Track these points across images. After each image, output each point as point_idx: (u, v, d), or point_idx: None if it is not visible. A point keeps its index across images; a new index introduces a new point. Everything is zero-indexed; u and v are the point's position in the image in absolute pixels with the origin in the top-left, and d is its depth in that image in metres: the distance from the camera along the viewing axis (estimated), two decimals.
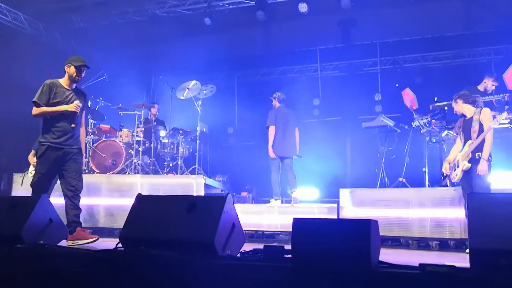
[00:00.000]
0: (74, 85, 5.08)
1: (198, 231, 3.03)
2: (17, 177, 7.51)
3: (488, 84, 6.67)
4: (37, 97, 4.87)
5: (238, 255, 3.13)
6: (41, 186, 4.87)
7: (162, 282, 2.72)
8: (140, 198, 3.46)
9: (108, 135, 8.39)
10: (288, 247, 2.70)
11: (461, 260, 4.06)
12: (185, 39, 10.37)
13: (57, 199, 6.88)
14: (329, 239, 2.51)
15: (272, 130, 7.52)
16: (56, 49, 10.27)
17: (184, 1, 9.69)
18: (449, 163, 5.52)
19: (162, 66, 11.45)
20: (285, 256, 2.74)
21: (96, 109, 8.65)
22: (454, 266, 2.29)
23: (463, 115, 5.45)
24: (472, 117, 5.27)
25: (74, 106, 4.92)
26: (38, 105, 4.87)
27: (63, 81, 5.01)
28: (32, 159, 7.01)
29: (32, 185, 4.94)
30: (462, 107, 5.43)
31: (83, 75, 5.03)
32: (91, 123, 8.43)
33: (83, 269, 2.90)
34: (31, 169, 6.98)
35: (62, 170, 4.97)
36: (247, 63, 11.41)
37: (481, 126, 5.16)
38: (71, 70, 4.97)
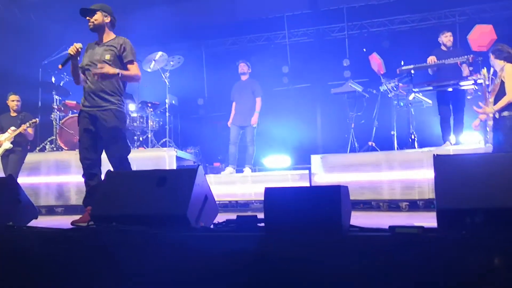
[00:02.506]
0: (103, 36, 4.49)
1: (170, 205, 3.02)
2: None
3: (443, 39, 6.79)
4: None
5: (212, 226, 3.15)
6: (82, 160, 4.31)
7: (136, 257, 2.71)
8: (109, 174, 3.41)
9: (75, 111, 8.16)
10: (261, 215, 2.73)
11: (430, 220, 4.18)
12: (149, 9, 10.08)
13: (25, 179, 6.80)
14: (300, 207, 2.54)
15: None
16: (14, 24, 9.84)
17: None
18: (481, 120, 5.53)
19: (126, 38, 11.17)
20: (258, 225, 2.77)
21: (61, 84, 8.42)
22: (422, 227, 2.36)
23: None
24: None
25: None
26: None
27: None
28: None
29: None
30: (493, 63, 5.19)
31: (88, 24, 4.41)
32: (56, 99, 8.22)
33: (55, 249, 2.87)
34: None
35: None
36: (214, 32, 11.20)
37: (502, 84, 4.94)
38: None
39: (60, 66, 4.35)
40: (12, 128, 6.74)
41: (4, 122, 6.89)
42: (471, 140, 6.68)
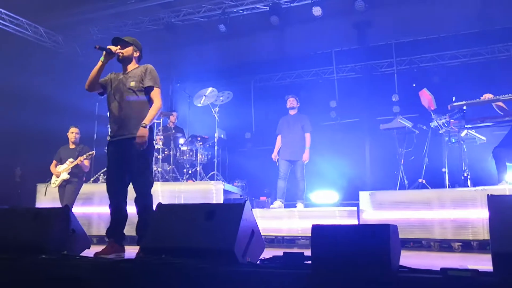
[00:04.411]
0: (128, 66, 4.50)
1: (218, 239, 3.06)
2: (40, 188, 7.66)
3: None
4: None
5: (258, 262, 3.14)
6: (108, 191, 4.35)
7: None
8: (160, 207, 3.50)
9: None
10: (308, 252, 2.70)
11: (485, 262, 4.00)
12: (201, 46, 10.46)
13: (79, 208, 7.04)
14: (348, 245, 2.51)
15: None
16: (75, 61, 10.46)
17: (199, 8, 9.78)
18: None
19: (179, 74, 11.56)
20: (304, 262, 2.75)
21: None
22: (476, 270, 2.26)
23: None
24: None
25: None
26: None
27: None
28: (54, 169, 7.14)
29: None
30: None
31: (118, 53, 4.45)
32: None
33: (106, 279, 2.95)
34: (54, 179, 7.11)
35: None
36: (262, 68, 11.43)
37: None
38: None
39: (97, 46, 4.35)
40: (70, 159, 7.05)
41: (63, 153, 7.23)
42: None
